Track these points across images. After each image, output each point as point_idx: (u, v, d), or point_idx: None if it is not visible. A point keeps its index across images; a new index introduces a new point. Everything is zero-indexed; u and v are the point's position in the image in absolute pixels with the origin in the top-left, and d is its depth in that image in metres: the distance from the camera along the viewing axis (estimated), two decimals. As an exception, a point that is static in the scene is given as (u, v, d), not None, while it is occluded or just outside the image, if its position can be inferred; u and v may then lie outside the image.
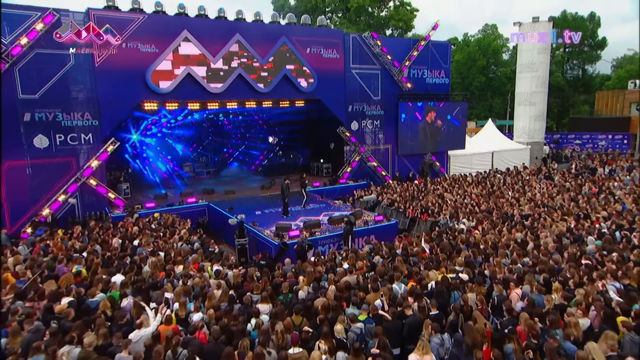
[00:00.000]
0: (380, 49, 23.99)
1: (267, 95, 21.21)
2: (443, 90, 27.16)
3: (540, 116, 34.48)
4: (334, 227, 14.23)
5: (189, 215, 17.77)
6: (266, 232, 13.82)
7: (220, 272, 9.62)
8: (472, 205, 15.61)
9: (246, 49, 20.22)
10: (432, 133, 26.53)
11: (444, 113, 26.73)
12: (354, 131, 23.98)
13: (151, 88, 18.45)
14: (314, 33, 22.35)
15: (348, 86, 23.45)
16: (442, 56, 26.88)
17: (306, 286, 8.83)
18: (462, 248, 10.78)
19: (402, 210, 16.77)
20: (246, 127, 30.77)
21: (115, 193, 18.24)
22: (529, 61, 33.84)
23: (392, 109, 25.09)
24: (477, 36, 61.93)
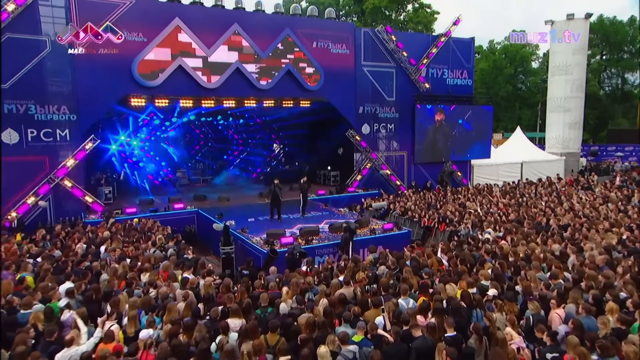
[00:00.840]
0: (395, 44, 22.97)
1: (268, 92, 20.25)
2: (465, 93, 25.94)
3: (576, 124, 32.93)
4: (336, 235, 13.00)
5: (176, 222, 16.71)
6: (255, 239, 12.65)
7: (188, 280, 8.41)
8: (499, 215, 14.22)
9: (245, 41, 19.35)
10: (453, 139, 25.23)
11: (466, 118, 25.45)
12: (365, 135, 22.82)
13: (137, 81, 17.62)
14: (322, 26, 21.48)
15: (359, 85, 22.41)
16: (465, 55, 25.75)
17: (290, 299, 7.58)
18: (486, 260, 9.41)
19: (416, 220, 15.44)
20: (247, 131, 29.86)
21: (93, 197, 17.26)
22: (562, 63, 32.52)
23: (407, 111, 23.92)
24: (503, 43, 60.70)
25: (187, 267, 9.23)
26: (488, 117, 26.71)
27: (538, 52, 61.30)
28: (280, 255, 11.03)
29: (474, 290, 7.61)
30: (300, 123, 25.72)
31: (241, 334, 6.17)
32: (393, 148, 23.78)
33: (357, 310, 6.72)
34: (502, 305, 6.93)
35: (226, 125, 29.38)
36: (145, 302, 7.49)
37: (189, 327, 6.42)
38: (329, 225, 13.79)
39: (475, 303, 7.05)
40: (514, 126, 53.92)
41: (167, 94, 18.66)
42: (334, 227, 13.36)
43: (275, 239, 12.12)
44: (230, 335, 6.33)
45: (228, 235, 12.27)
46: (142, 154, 25.49)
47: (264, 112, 26.62)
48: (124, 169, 23.41)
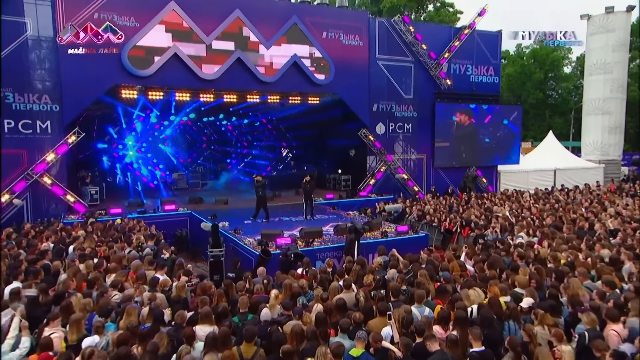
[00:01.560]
0: (413, 36, 22.01)
1: (273, 86, 19.34)
2: (491, 91, 24.77)
3: (617, 128, 31.35)
4: (341, 238, 11.89)
5: (166, 225, 15.80)
6: (247, 240, 11.61)
7: (158, 281, 7.40)
8: (532, 219, 12.97)
9: (248, 28, 18.56)
10: (478, 142, 24.03)
11: (493, 118, 24.28)
12: (380, 136, 21.76)
13: (128, 69, 16.87)
14: (333, 14, 20.65)
15: (373, 81, 21.41)
16: (491, 50, 24.65)
17: (279, 305, 6.50)
18: (520, 265, 8.22)
19: (435, 225, 14.24)
20: (252, 132, 29.06)
21: (75, 196, 16.43)
22: (600, 61, 31.18)
23: (427, 110, 22.84)
24: (532, 46, 59.23)
25: (160, 267, 8.21)
26: (517, 118, 25.45)
27: (571, 55, 59.71)
28: (275, 257, 9.98)
29: (507, 298, 6.46)
30: (308, 122, 24.76)
31: (208, 344, 5.10)
32: (410, 150, 22.63)
33: (358, 318, 5.62)
34: (543, 317, 5.76)
35: (229, 125, 28.63)
36: (102, 305, 6.49)
37: (146, 335, 5.39)
38: (334, 227, 12.72)
39: (508, 313, 5.90)
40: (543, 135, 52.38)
41: (160, 84, 17.90)
42: (339, 229, 12.28)
43: (271, 240, 11.07)
44: (195, 345, 5.31)
45: (217, 235, 11.24)
46: (137, 154, 24.78)
47: (269, 111, 25.80)
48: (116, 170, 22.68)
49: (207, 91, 19.34)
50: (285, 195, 21.57)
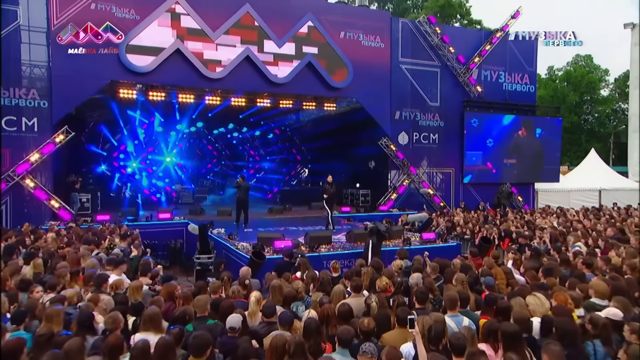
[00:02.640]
0: (440, 39, 20.55)
1: (285, 88, 17.96)
2: (527, 101, 22.96)
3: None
4: (355, 245, 10.14)
5: (159, 235, 14.36)
6: (241, 245, 9.94)
7: (106, 280, 5.80)
8: (588, 230, 11.03)
9: (258, 25, 17.36)
10: (513, 157, 22.14)
11: (529, 131, 22.43)
12: (402, 146, 20.08)
13: (125, 64, 15.72)
14: (352, 13, 19.39)
15: (395, 86, 19.90)
16: (526, 56, 22.98)
17: (260, 311, 4.81)
18: (586, 275, 6.36)
19: (468, 237, 12.31)
20: (265, 144, 27.67)
21: (60, 202, 15.07)
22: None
23: (455, 120, 21.14)
24: (565, 68, 57.32)
25: (116, 265, 6.60)
26: (556, 132, 23.55)
27: (608, 77, 57.58)
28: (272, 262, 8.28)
29: (580, 311, 4.68)
30: (324, 132, 23.24)
31: (135, 357, 3.44)
32: (436, 163, 20.84)
33: (367, 325, 3.89)
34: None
35: (241, 139, 27.32)
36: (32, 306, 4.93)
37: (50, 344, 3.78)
38: (347, 232, 10.95)
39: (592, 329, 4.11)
40: (579, 161, 49.96)
41: (161, 82, 16.71)
42: (353, 235, 10.52)
43: (268, 243, 9.38)
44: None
45: (206, 239, 9.67)
46: (140, 165, 23.55)
47: (282, 121, 24.46)
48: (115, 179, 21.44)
49: (214, 94, 18.12)
50: (297, 209, 19.94)
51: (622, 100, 56.14)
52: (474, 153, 21.29)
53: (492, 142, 21.63)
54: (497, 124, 21.75)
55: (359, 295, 5.27)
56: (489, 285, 5.57)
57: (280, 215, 17.67)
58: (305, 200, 21.13)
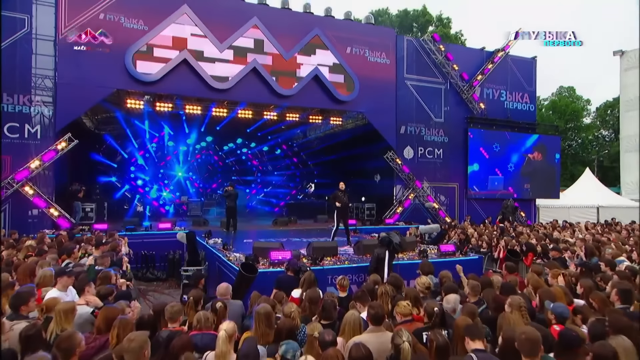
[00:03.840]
0: (444, 56, 18.81)
1: (291, 100, 16.22)
2: (528, 119, 21.08)
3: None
4: (364, 258, 8.12)
5: (158, 246, 12.51)
6: (233, 256, 7.94)
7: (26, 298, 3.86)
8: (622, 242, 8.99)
9: (266, 37, 15.71)
10: (515, 173, 20.17)
11: (530, 148, 20.50)
12: (408, 160, 18.17)
13: (131, 73, 14.06)
14: (358, 30, 17.66)
15: (401, 101, 18.10)
16: (526, 76, 21.20)
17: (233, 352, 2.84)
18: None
19: (485, 250, 10.25)
20: (273, 159, 25.82)
21: (60, 210, 13.22)
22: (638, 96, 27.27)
23: (458, 136, 19.26)
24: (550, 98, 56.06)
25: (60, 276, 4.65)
26: (556, 149, 21.59)
27: (589, 107, 56.20)
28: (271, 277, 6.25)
29: None
30: (330, 147, 21.42)
31: None
32: (441, 177, 18.87)
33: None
34: None
35: (250, 154, 25.53)
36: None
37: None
38: (355, 243, 8.90)
39: None
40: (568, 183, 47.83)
41: (167, 91, 14.99)
42: (361, 246, 8.48)
43: (264, 254, 7.37)
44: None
45: (195, 249, 7.75)
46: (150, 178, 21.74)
47: (289, 136, 22.71)
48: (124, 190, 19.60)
49: (220, 105, 16.42)
50: (303, 222, 17.99)
51: (603, 127, 54.82)
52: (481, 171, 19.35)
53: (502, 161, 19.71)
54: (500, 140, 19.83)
55: (379, 329, 3.32)
56: (561, 315, 3.59)
57: (284, 227, 15.75)
58: (311, 214, 19.26)
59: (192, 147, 22.95)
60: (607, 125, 55.68)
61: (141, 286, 11.36)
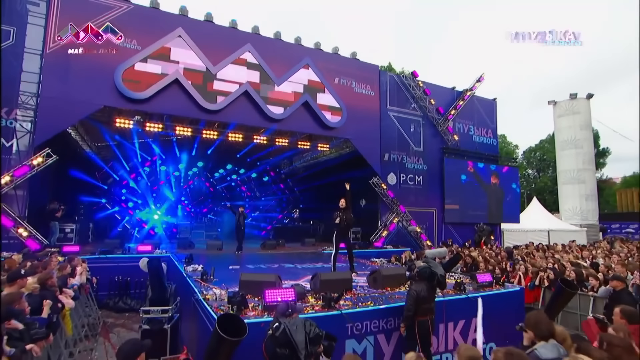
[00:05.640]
0: (422, 91, 16.61)
1: (282, 124, 13.43)
2: (491, 152, 18.99)
3: (592, 196, 25.65)
4: (385, 294, 5.11)
5: (134, 271, 8.99)
6: (211, 294, 4.49)
7: None
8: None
9: (258, 63, 13.04)
10: (483, 200, 17.82)
11: (495, 178, 18.30)
12: (392, 186, 15.50)
13: (120, 90, 11.01)
14: (345, 63, 15.22)
15: (384, 130, 15.60)
16: (489, 114, 19.25)
17: None
18: None
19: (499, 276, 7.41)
20: (260, 186, 22.67)
21: (31, 230, 9.70)
22: (571, 137, 26.31)
23: (436, 164, 16.83)
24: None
25: None
26: (515, 179, 19.50)
27: (518, 151, 56.43)
28: (259, 335, 3.16)
29: None
30: (316, 173, 18.58)
31: None
32: (421, 203, 16.24)
33: None
34: None
35: (239, 180, 22.34)
36: None
37: None
38: (372, 273, 5.73)
39: None
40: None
41: (157, 111, 11.91)
42: (380, 277, 5.33)
43: (255, 292, 4.25)
44: None
45: (161, 282, 4.63)
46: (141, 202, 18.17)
47: (276, 161, 19.78)
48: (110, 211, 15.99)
49: (210, 127, 13.44)
50: (290, 245, 14.84)
51: (529, 167, 54.92)
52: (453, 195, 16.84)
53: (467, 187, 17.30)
54: (471, 170, 17.51)
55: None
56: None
57: (273, 251, 12.59)
58: (298, 237, 16.11)
59: (184, 173, 19.63)
60: (531, 165, 55.89)
61: (109, 319, 7.91)
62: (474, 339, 4.67)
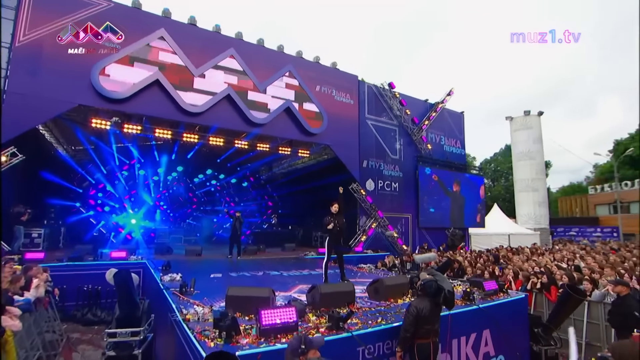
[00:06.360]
0: (399, 102, 16.18)
1: (264, 129, 12.48)
2: (460, 161, 18.84)
3: (544, 202, 26.24)
4: (390, 306, 4.21)
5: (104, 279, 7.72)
6: (192, 313, 3.42)
7: None
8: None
9: (241, 68, 12.10)
10: (454, 206, 17.53)
11: (464, 185, 18.10)
12: (370, 192, 14.85)
13: (97, 89, 9.75)
14: (326, 72, 14.51)
15: (363, 138, 14.97)
16: (457, 126, 19.14)
17: None
18: None
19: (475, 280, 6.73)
20: (240, 191, 21.46)
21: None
22: (525, 150, 26.91)
23: (411, 172, 16.36)
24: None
25: None
26: (480, 187, 19.42)
27: (475, 163, 57.96)
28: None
29: None
30: (295, 179, 17.69)
31: None
32: (397, 209, 15.66)
33: None
34: None
35: (218, 186, 21.05)
36: None
37: None
38: (372, 283, 4.76)
39: None
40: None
41: (137, 111, 10.67)
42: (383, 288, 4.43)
43: (245, 309, 3.28)
44: None
45: (131, 298, 3.57)
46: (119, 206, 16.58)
47: (256, 167, 18.74)
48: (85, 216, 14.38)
49: (191, 130, 12.30)
50: (270, 250, 13.84)
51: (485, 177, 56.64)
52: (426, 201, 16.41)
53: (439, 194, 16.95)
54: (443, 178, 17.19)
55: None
56: None
57: (254, 257, 11.52)
58: (278, 242, 15.12)
59: (163, 177, 18.17)
60: (487, 175, 57.40)
61: (75, 333, 6.64)
62: (485, 353, 3.93)
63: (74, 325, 7.05)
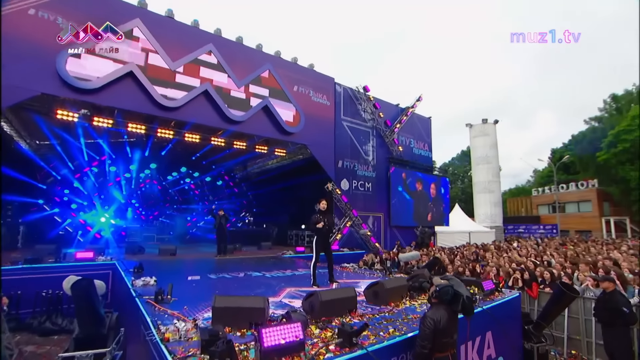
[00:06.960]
0: (373, 105, 15.92)
1: (241, 126, 11.69)
2: (427, 163, 18.94)
3: (498, 203, 27.10)
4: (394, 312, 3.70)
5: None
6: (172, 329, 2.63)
7: None
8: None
9: (219, 64, 11.26)
10: (422, 206, 17.55)
11: (431, 186, 18.19)
12: (344, 191, 14.44)
13: (63, 77, 8.58)
14: (303, 72, 13.94)
15: (338, 138, 14.54)
16: (425, 130, 19.23)
17: None
18: None
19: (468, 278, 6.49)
20: (214, 189, 20.36)
21: None
22: (483, 155, 27.71)
23: (383, 173, 16.15)
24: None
25: None
26: (446, 188, 19.65)
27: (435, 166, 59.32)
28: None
29: None
30: (270, 178, 16.97)
31: None
32: (370, 208, 15.39)
33: None
34: None
35: (192, 184, 19.84)
36: None
37: None
38: (371, 286, 4.12)
39: None
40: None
41: (108, 104, 9.55)
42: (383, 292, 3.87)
43: (235, 324, 2.59)
44: None
45: (93, 313, 2.81)
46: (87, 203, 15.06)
47: (231, 165, 17.82)
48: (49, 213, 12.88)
49: (166, 126, 11.30)
50: (247, 249, 13.06)
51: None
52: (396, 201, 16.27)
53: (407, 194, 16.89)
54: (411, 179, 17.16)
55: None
56: None
57: (231, 256, 10.70)
58: (253, 241, 14.37)
59: (135, 174, 16.79)
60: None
61: (30, 345, 5.62)
62: (488, 356, 3.55)
63: (30, 336, 6.01)
